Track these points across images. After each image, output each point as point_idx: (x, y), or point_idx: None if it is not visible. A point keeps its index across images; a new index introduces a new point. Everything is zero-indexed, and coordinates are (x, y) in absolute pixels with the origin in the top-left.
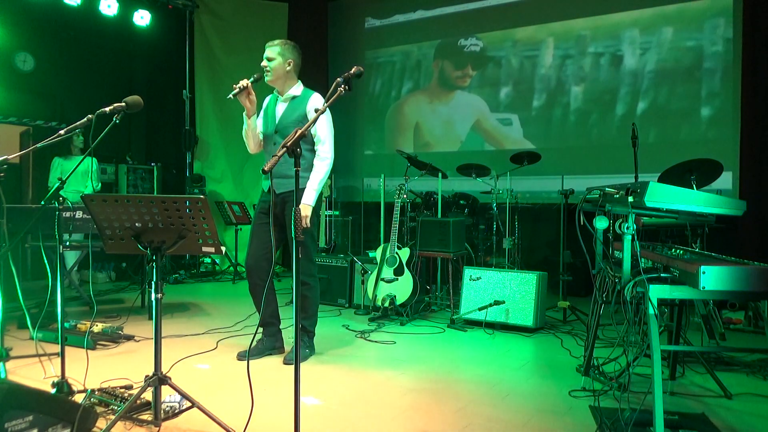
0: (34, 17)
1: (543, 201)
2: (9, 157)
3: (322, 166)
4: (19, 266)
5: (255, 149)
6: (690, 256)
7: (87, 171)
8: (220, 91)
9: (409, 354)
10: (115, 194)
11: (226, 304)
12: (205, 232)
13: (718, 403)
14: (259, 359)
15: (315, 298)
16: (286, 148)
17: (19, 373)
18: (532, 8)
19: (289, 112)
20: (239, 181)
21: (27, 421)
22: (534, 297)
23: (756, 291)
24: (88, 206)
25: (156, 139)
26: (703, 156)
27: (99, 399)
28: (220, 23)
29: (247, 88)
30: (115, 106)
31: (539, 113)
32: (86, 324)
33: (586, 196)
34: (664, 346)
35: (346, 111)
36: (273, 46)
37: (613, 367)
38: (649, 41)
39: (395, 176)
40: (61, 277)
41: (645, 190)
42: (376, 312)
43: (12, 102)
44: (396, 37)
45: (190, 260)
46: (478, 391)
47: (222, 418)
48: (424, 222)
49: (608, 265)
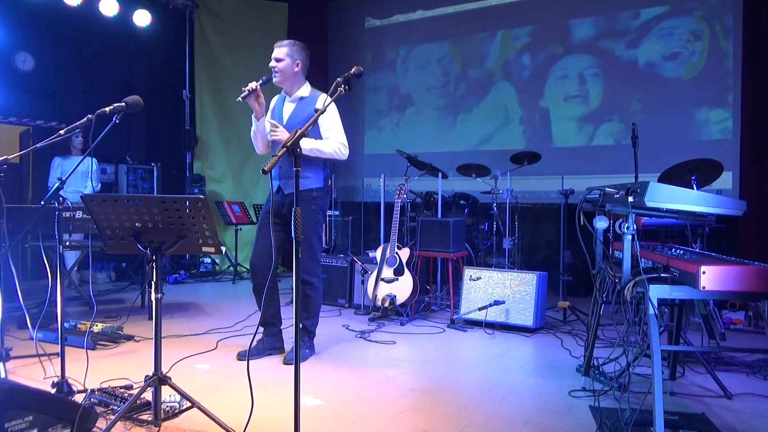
0: (34, 17)
1: (543, 201)
2: (9, 157)
3: (333, 142)
4: (19, 266)
5: (263, 150)
6: (690, 256)
7: (87, 171)
8: (220, 91)
9: (409, 354)
10: (115, 194)
11: (226, 304)
12: (205, 232)
13: (718, 403)
14: (259, 359)
15: (318, 298)
16: (286, 148)
17: (19, 373)
18: (532, 8)
19: (298, 112)
20: (239, 181)
21: (27, 421)
22: (534, 297)
23: (756, 291)
24: (88, 206)
25: (156, 139)
26: (703, 156)
27: (99, 399)
28: (220, 23)
29: (256, 90)
30: (115, 106)
31: (539, 113)
32: (86, 324)
33: (586, 196)
34: (664, 346)
35: (346, 111)
36: (281, 47)
37: (613, 367)
38: (649, 41)
39: (395, 176)
40: (61, 277)
41: (645, 190)
42: (376, 312)
43: (12, 102)
44: (396, 37)
45: (190, 260)
46: (478, 391)
47: (222, 418)
48: (424, 222)
49: (608, 265)
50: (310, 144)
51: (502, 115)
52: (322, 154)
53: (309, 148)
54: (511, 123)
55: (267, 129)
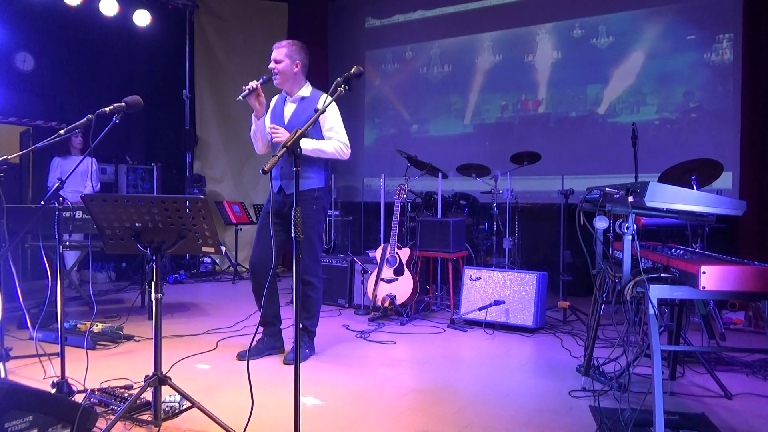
0: (34, 17)
1: (543, 201)
2: (9, 157)
3: (334, 142)
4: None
5: (263, 150)
6: (690, 256)
7: (86, 171)
8: (220, 91)
9: (409, 354)
10: (115, 194)
11: (226, 304)
12: (205, 232)
13: (718, 403)
14: (259, 359)
15: (318, 298)
16: (285, 148)
17: (19, 373)
18: (532, 7)
19: (299, 112)
20: (239, 181)
21: (27, 421)
22: (534, 297)
23: (756, 291)
24: (88, 206)
25: (156, 139)
26: (703, 156)
27: (99, 399)
28: (220, 23)
29: (257, 89)
30: (115, 106)
31: (539, 113)
32: (86, 324)
33: (586, 196)
34: (664, 346)
35: (347, 111)
36: (280, 48)
37: (613, 367)
38: (649, 41)
39: (395, 176)
40: (61, 277)
41: (645, 190)
42: (376, 312)
43: (12, 102)
44: (396, 37)
45: (190, 260)
46: (478, 391)
47: (222, 418)
48: (424, 222)
49: (608, 265)
50: (312, 144)
51: (502, 114)
52: (324, 154)
53: (311, 149)
54: (512, 123)
55: (266, 130)
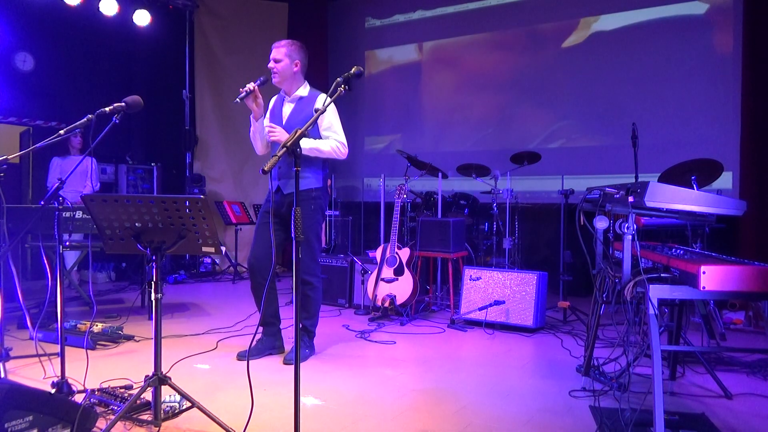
0: (34, 17)
1: (543, 201)
2: (9, 157)
3: (331, 142)
4: (19, 266)
5: (263, 151)
6: (690, 256)
7: (86, 171)
8: (220, 91)
9: (409, 354)
10: (115, 194)
11: (226, 304)
12: (204, 232)
13: (718, 403)
14: (259, 359)
15: (317, 298)
16: (285, 148)
17: (19, 373)
18: (532, 7)
19: (297, 112)
20: (239, 181)
21: (27, 421)
22: (534, 297)
23: (756, 291)
24: (88, 206)
25: (156, 139)
26: (703, 156)
27: (99, 399)
28: (220, 23)
29: (254, 91)
30: (115, 106)
31: (539, 113)
32: (86, 324)
33: (586, 196)
34: (664, 346)
35: (346, 110)
36: (279, 48)
37: (613, 367)
38: (649, 41)
39: (395, 176)
40: (61, 277)
41: (645, 190)
42: (376, 312)
43: (12, 102)
44: (396, 37)
45: (190, 260)
46: (478, 391)
47: (222, 418)
48: (424, 222)
49: (608, 265)
50: (310, 143)
51: (502, 114)
52: (321, 153)
53: (308, 148)
54: (512, 123)
55: (265, 131)
